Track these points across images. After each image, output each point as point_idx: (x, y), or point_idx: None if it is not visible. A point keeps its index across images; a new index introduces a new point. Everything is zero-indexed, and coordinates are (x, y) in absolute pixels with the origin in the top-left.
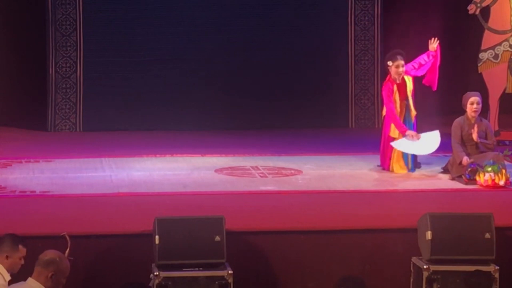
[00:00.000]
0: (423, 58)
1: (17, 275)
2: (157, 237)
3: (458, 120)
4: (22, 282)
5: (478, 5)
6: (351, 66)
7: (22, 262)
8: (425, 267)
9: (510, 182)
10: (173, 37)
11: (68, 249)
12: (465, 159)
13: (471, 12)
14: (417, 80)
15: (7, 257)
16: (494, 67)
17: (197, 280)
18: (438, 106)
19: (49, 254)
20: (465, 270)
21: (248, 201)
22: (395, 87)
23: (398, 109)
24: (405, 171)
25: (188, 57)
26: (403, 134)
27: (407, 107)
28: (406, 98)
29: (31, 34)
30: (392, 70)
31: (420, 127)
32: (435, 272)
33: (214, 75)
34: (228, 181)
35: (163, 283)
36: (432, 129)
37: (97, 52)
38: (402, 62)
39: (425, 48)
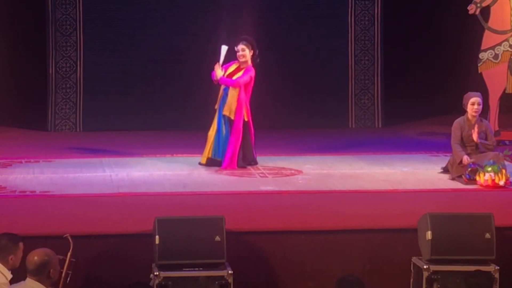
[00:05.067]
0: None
1: (16, 275)
2: (157, 237)
3: (458, 121)
4: (22, 282)
5: (478, 5)
6: (351, 66)
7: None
8: (425, 267)
9: (510, 182)
10: (173, 37)
11: (70, 251)
12: (466, 158)
13: (471, 12)
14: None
15: (11, 258)
16: (494, 67)
17: (197, 280)
18: (438, 106)
19: (37, 256)
20: (465, 270)
21: (248, 201)
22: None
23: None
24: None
25: (188, 57)
26: None
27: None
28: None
29: (31, 34)
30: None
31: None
32: (435, 272)
33: None
34: (228, 181)
35: (163, 283)
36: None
37: (97, 52)
38: (242, 46)
39: (424, 48)
